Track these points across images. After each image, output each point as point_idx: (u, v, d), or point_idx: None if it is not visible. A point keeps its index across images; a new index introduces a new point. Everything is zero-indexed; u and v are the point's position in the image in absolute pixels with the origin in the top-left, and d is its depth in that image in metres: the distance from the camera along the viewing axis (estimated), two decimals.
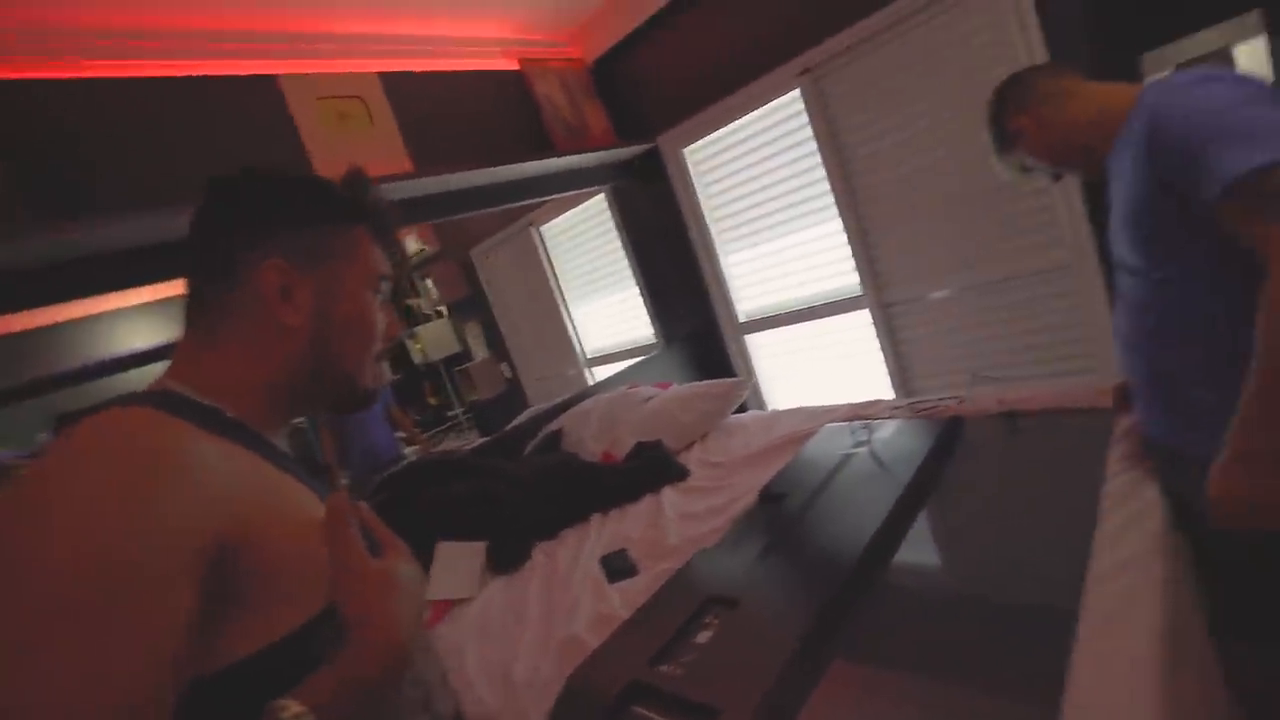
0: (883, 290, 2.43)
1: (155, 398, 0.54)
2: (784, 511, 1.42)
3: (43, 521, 0.41)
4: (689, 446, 2.20)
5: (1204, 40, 1.54)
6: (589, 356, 3.75)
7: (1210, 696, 0.93)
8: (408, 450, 3.67)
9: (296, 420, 0.71)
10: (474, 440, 3.27)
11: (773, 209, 2.66)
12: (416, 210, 2.43)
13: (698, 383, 2.44)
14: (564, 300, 3.77)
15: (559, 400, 2.64)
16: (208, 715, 0.45)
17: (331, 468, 3.20)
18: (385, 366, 3.60)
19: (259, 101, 2.08)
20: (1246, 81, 0.87)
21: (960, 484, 1.38)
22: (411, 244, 4.09)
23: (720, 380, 2.41)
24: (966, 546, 1.21)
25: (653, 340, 3.28)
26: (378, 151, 2.31)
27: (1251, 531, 0.95)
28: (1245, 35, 1.49)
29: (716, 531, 1.50)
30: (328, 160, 2.18)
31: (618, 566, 1.47)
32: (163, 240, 1.75)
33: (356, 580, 0.51)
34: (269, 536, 0.50)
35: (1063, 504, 1.19)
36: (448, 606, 1.56)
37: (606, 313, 3.61)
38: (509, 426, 2.54)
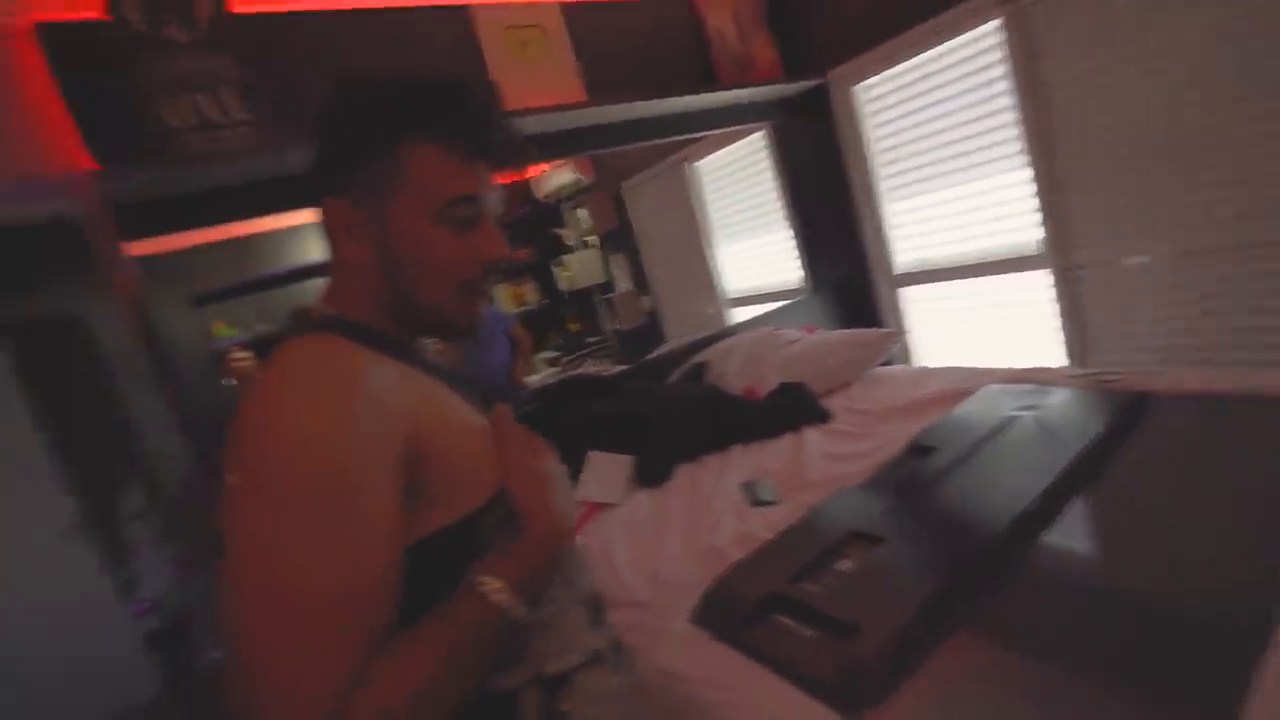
0: (1069, 251, 2.22)
1: (329, 323, 0.61)
2: (932, 465, 1.41)
3: (278, 445, 0.51)
4: (831, 392, 2.20)
5: None
6: (730, 297, 3.78)
7: None
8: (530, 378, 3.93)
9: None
10: (611, 368, 3.45)
11: (947, 155, 2.48)
12: (584, 141, 2.53)
13: (847, 330, 2.41)
14: (710, 239, 3.79)
15: (703, 335, 2.71)
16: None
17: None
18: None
19: (449, 31, 2.22)
20: None
21: (1137, 468, 1.28)
22: (567, 174, 4.25)
23: (871, 329, 2.36)
24: (1133, 537, 1.11)
25: (798, 285, 3.24)
26: (553, 80, 2.41)
27: None
28: None
29: (859, 474, 1.52)
30: (507, 87, 2.31)
31: (759, 493, 1.55)
32: None
33: (525, 478, 0.62)
34: (442, 441, 0.58)
35: (1258, 506, 1.07)
36: (596, 509, 1.73)
37: (752, 254, 3.59)
38: (654, 355, 2.65)
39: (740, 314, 3.68)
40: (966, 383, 1.91)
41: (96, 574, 2.96)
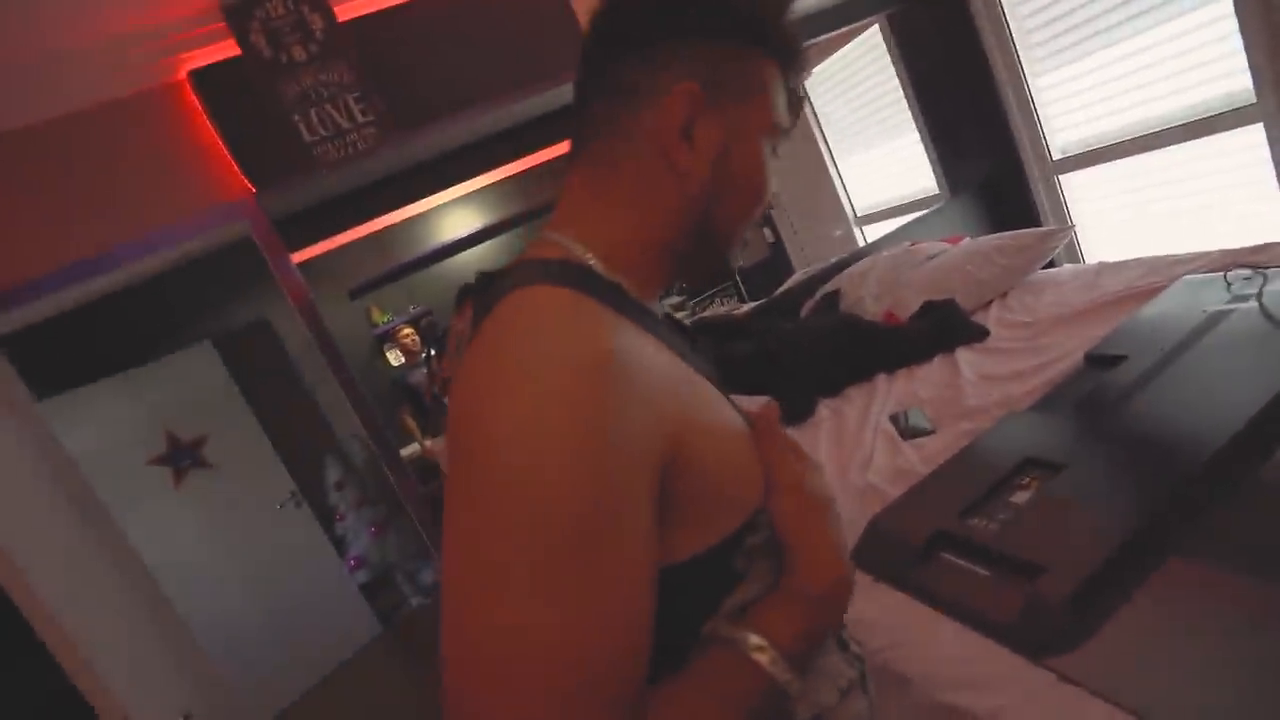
0: None
1: (564, 272, 0.46)
2: (1119, 378, 1.24)
3: (506, 457, 0.37)
4: (986, 305, 1.99)
5: None
6: (859, 215, 3.52)
7: None
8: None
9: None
10: (739, 307, 3.38)
11: (1107, 5, 2.08)
12: None
13: (997, 235, 2.15)
14: (831, 155, 3.53)
15: (832, 261, 2.56)
16: None
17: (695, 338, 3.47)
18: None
19: None
20: None
21: None
22: None
23: (1027, 230, 2.09)
24: None
25: (935, 192, 2.94)
26: None
27: None
28: None
29: (1027, 395, 1.37)
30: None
31: (911, 424, 1.45)
32: (471, 140, 2.02)
33: (794, 505, 0.47)
34: (702, 445, 0.44)
35: None
36: None
37: (879, 165, 3.30)
38: (780, 290, 2.55)
39: (873, 232, 3.43)
40: (1154, 277, 1.64)
41: (320, 537, 3.47)
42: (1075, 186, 2.52)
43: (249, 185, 1.85)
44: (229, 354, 3.46)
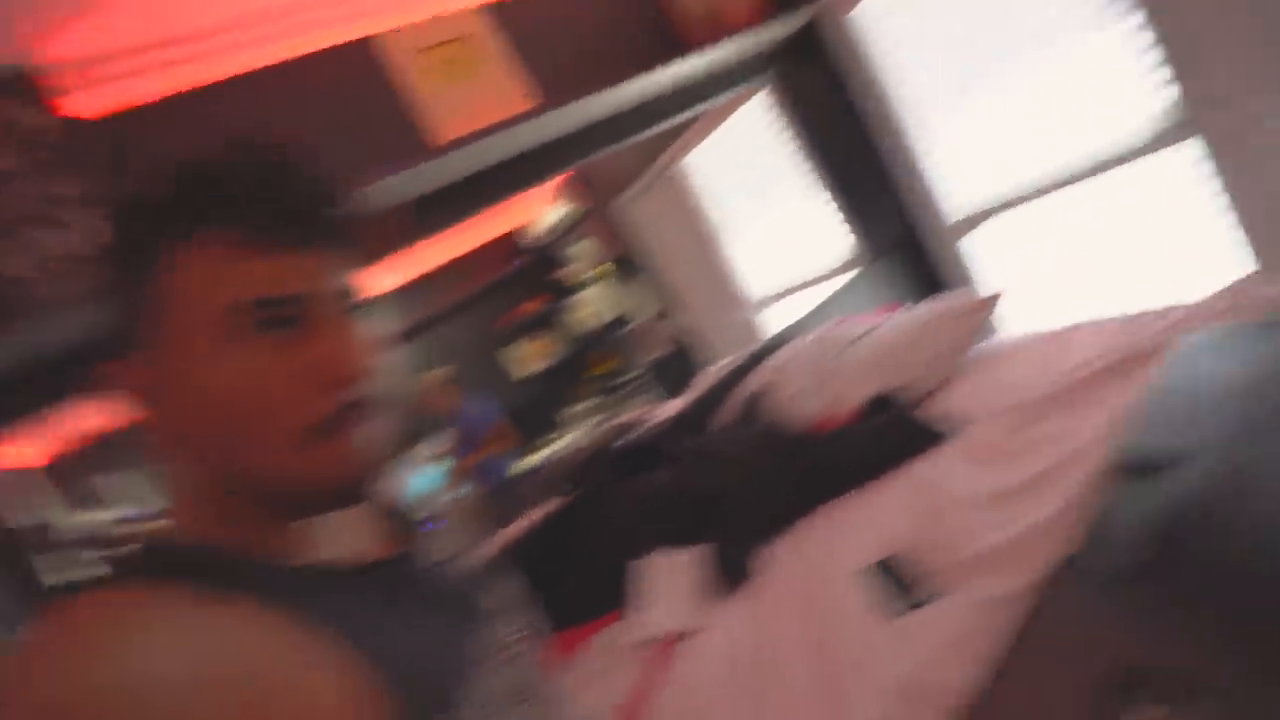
0: (1225, 108, 1.54)
1: (150, 559, 0.40)
2: (1193, 486, 0.85)
3: None
4: (928, 397, 1.62)
5: None
6: (765, 297, 3.25)
7: None
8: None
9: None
10: (655, 407, 2.96)
11: (990, 50, 1.93)
12: (550, 159, 2.08)
13: (930, 302, 1.82)
14: (725, 239, 3.28)
15: (746, 354, 2.18)
16: None
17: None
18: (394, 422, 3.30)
19: (350, 75, 1.82)
20: None
21: None
22: (559, 209, 3.89)
23: (958, 295, 1.77)
24: None
25: (846, 259, 2.68)
26: (495, 95, 1.98)
27: None
28: None
29: (1059, 522, 0.94)
30: (448, 121, 1.89)
31: (892, 584, 0.99)
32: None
33: None
34: None
35: None
36: (671, 648, 1.19)
37: (781, 241, 3.07)
38: (695, 396, 2.13)
39: (781, 318, 3.15)
40: (1128, 337, 1.33)
41: None
42: (977, 249, 2.31)
43: None
44: None
